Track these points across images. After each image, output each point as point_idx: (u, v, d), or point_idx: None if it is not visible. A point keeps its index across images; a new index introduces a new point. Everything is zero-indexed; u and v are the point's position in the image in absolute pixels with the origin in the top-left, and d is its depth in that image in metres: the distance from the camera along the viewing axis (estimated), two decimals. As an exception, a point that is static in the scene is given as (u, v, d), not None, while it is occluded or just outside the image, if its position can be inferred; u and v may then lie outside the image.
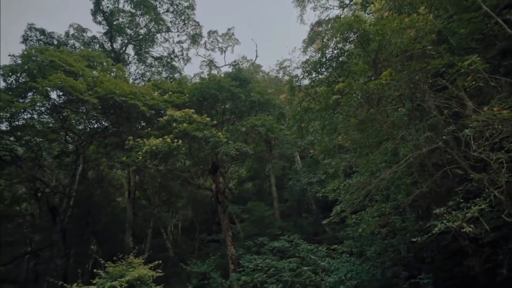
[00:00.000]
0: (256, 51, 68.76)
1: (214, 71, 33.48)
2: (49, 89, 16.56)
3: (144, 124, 19.72)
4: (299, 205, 23.15)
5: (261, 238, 17.03)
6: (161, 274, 11.83)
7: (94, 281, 10.97)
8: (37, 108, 17.32)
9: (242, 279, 13.89)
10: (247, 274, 14.09)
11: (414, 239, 8.56)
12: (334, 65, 11.11)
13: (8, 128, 16.99)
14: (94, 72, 19.67)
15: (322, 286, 11.80)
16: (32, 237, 20.40)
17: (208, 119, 15.88)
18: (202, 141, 15.53)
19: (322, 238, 18.16)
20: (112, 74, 21.06)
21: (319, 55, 11.42)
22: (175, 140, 14.46)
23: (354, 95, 9.65)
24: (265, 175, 28.12)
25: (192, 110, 15.96)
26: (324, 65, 11.36)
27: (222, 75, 21.70)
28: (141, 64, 30.76)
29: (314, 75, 12.14)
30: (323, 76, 11.79)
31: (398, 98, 9.65)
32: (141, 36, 29.66)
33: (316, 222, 20.34)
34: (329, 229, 18.54)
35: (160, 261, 12.68)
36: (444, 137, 7.92)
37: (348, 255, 12.63)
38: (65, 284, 11.35)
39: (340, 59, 10.92)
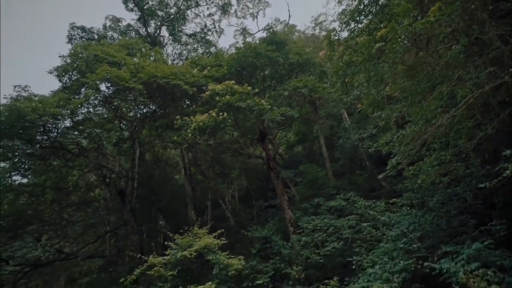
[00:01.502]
0: (289, 10, 66.00)
1: (249, 39, 32.87)
2: (98, 82, 17.52)
3: (188, 102, 20.26)
4: (352, 163, 22.71)
5: (316, 199, 17.14)
6: (225, 242, 12.56)
7: (167, 252, 12.01)
8: (91, 101, 18.51)
9: (303, 240, 14.26)
10: (307, 235, 14.41)
11: (481, 185, 8.02)
12: (373, 10, 10.27)
13: (71, 124, 18.49)
14: (135, 59, 20.36)
15: (384, 240, 11.69)
16: (108, 218, 22.62)
17: (249, 88, 15.83)
18: (246, 111, 15.61)
19: (379, 193, 17.79)
20: (151, 58, 21.64)
21: (356, 2, 10.60)
22: (220, 114, 14.70)
23: (399, 39, 8.88)
24: (313, 136, 27.81)
25: (232, 82, 15.98)
26: (363, 13, 10.56)
27: (257, 42, 21.26)
28: (177, 43, 31.16)
29: (353, 25, 11.38)
30: (362, 25, 11.00)
31: (450, 35, 8.68)
32: (172, 16, 29.81)
33: (371, 178, 19.90)
34: (386, 183, 18.07)
35: (223, 230, 13.42)
36: (511, 69, 7.07)
37: (408, 208, 12.26)
38: (142, 256, 12.59)
39: (380, 3, 10.04)
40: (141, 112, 21.82)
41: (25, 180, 20.17)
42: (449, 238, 9.59)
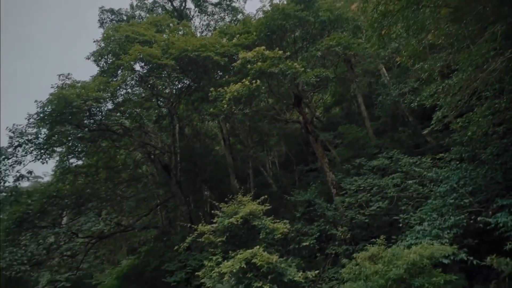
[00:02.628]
0: (315, -37, 61.82)
1: (276, 0, 31.53)
2: (132, 62, 17.96)
3: (221, 73, 20.26)
4: (393, 120, 21.75)
5: (358, 159, 16.81)
6: (269, 207, 12.87)
7: (214, 221, 12.61)
8: (128, 82, 19.14)
9: (346, 201, 14.22)
10: (350, 196, 14.32)
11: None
12: None
13: (113, 106, 19.36)
14: (164, 35, 20.47)
15: (432, 197, 11.31)
16: (157, 192, 24.03)
17: (280, 52, 15.40)
18: (279, 76, 15.31)
19: (425, 149, 17.03)
20: (180, 33, 21.64)
21: None
22: (253, 82, 14.55)
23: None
24: (351, 96, 26.84)
25: (263, 47, 15.61)
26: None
27: (285, 2, 20.32)
28: (203, 15, 30.68)
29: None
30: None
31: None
32: (196, -14, 29.22)
33: (415, 134, 19.03)
34: (431, 138, 17.19)
35: (266, 196, 13.73)
36: None
37: (457, 162, 11.62)
38: (192, 225, 13.33)
39: None
40: (176, 87, 22.23)
41: (80, 162, 21.82)
42: (506, 191, 9.07)
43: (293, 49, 19.43)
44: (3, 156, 16.79)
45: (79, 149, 20.07)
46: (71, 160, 20.90)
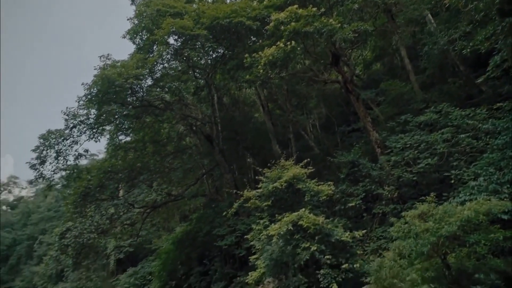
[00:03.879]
0: None
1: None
2: (165, 37, 18.09)
3: (254, 38, 19.81)
4: (442, 71, 20.12)
5: (403, 116, 15.98)
6: (312, 170, 12.87)
7: (259, 186, 12.91)
8: (164, 57, 19.43)
9: (392, 160, 13.76)
10: (396, 154, 13.80)
11: None
12: None
13: (152, 82, 19.92)
14: (194, 5, 20.23)
15: (488, 151, 10.54)
16: (202, 162, 24.92)
17: (314, 9, 14.60)
18: (315, 35, 14.62)
19: (479, 99, 15.67)
20: (209, 0, 21.25)
21: None
22: (288, 43, 14.07)
23: None
24: (393, 49, 25.08)
25: (295, 6, 14.87)
26: None
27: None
28: (231, -22, 29.66)
29: None
30: None
31: None
32: None
33: (467, 84, 17.52)
34: (487, 87, 15.74)
35: (308, 159, 13.70)
36: None
37: (518, 111, 10.64)
38: (238, 192, 13.79)
39: None
40: (211, 57, 22.23)
41: (128, 139, 23.12)
42: None
43: (328, 4, 18.31)
44: (62, 138, 18.25)
45: (126, 126, 21.20)
46: (120, 137, 22.27)
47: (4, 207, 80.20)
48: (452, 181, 10.91)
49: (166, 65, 20.54)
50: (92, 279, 25.71)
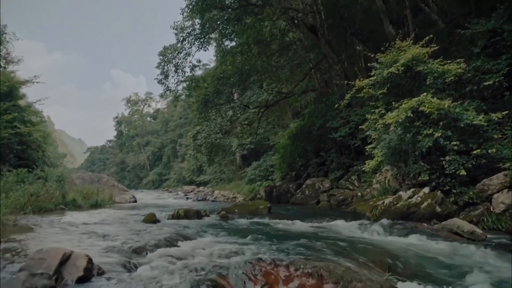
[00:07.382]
0: None
1: None
2: None
3: None
4: None
5: None
6: (435, 48, 11.11)
7: (371, 74, 11.92)
8: None
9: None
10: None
11: None
12: None
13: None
14: None
15: None
16: (308, 56, 23.99)
17: None
18: None
19: None
20: None
21: None
22: None
23: None
24: None
25: None
26: None
27: None
28: None
29: None
30: None
31: None
32: None
33: None
34: None
35: (431, 36, 11.74)
36: None
37: None
38: (349, 82, 13.14)
39: None
40: None
41: (233, 44, 23.59)
42: None
43: None
44: (176, 51, 19.87)
45: (230, 31, 21.45)
46: (226, 43, 22.83)
47: (148, 118, 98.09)
48: None
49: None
50: (225, 172, 30.55)
